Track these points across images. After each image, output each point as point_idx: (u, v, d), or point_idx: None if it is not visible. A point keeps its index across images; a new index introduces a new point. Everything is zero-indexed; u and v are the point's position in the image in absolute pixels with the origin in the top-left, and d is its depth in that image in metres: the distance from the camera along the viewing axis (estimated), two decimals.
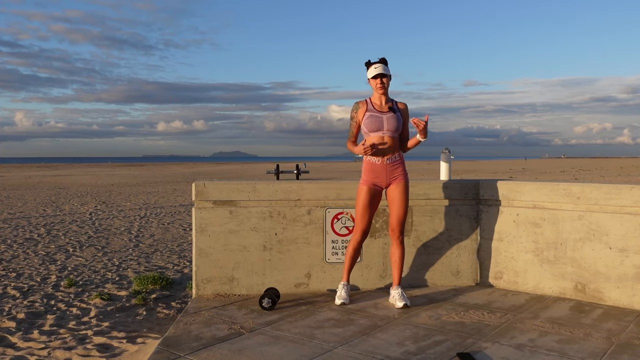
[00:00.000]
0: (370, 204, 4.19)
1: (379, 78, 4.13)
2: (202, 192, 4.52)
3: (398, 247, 4.26)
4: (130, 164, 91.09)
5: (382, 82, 4.14)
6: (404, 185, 4.22)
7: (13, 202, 16.65)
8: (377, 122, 4.14)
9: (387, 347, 3.29)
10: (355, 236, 4.25)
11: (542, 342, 3.38)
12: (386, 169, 4.18)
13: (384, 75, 4.14)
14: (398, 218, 4.20)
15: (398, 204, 4.19)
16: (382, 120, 4.14)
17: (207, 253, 4.52)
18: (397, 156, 4.24)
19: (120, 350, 3.93)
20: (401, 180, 4.21)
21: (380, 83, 4.14)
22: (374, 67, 4.14)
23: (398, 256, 4.27)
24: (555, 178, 29.72)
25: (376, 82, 4.14)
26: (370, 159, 4.19)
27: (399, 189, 4.19)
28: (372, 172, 4.19)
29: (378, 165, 4.18)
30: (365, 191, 4.18)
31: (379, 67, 4.14)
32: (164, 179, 33.84)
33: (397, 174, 4.21)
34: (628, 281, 4.12)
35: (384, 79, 4.15)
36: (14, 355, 3.84)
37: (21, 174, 41.37)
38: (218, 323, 3.80)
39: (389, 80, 4.21)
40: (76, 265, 7.05)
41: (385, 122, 4.14)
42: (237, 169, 53.35)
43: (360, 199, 4.19)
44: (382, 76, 4.14)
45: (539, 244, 4.56)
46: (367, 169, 4.22)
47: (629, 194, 4.13)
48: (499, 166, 59.67)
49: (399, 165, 4.23)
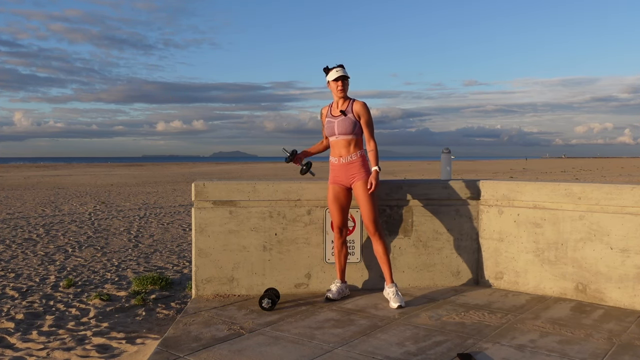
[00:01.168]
0: (336, 200, 4.37)
1: (340, 80, 4.27)
2: (202, 192, 4.51)
3: (377, 242, 4.32)
4: (129, 164, 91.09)
5: (343, 84, 4.29)
6: (363, 183, 4.26)
7: (12, 202, 16.63)
8: (330, 127, 4.34)
9: (387, 348, 3.28)
10: (334, 234, 4.44)
11: (543, 342, 3.37)
12: (343, 169, 4.34)
13: (345, 77, 4.29)
14: (367, 215, 4.27)
15: (362, 202, 4.27)
16: (334, 125, 4.32)
17: (206, 253, 4.51)
18: (353, 156, 4.31)
19: (120, 351, 3.91)
20: (359, 179, 4.28)
21: (341, 86, 4.28)
22: (335, 71, 4.29)
23: (381, 252, 4.31)
24: (555, 178, 29.71)
25: (337, 84, 4.28)
26: (331, 159, 4.41)
27: (359, 187, 4.28)
28: (332, 172, 4.40)
29: (336, 165, 4.36)
30: (329, 189, 4.41)
31: (339, 70, 4.29)
32: (164, 179, 33.84)
33: (355, 173, 4.30)
34: (629, 281, 4.11)
35: (345, 81, 4.29)
36: (12, 356, 3.82)
37: (20, 174, 41.35)
38: (218, 323, 3.78)
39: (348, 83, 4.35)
40: (75, 265, 7.04)
41: (335, 126, 4.32)
42: (237, 169, 53.34)
43: (328, 197, 4.44)
44: (343, 78, 4.28)
45: (539, 244, 4.55)
46: (330, 168, 4.43)
47: (630, 194, 4.12)
48: (499, 166, 59.68)
49: (356, 164, 4.30)
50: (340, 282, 4.46)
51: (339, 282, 4.46)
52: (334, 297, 4.35)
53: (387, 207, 4.76)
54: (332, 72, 4.30)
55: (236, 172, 45.60)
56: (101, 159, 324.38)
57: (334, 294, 4.37)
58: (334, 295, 4.36)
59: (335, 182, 4.37)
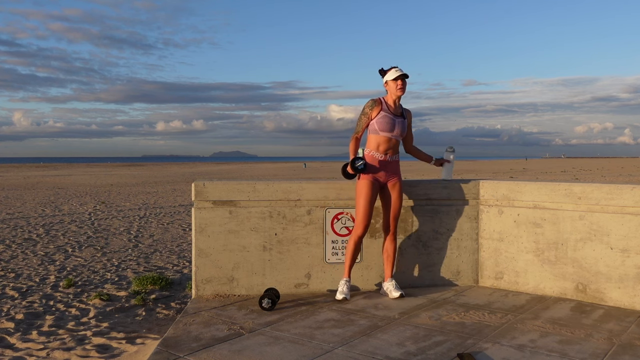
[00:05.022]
0: (373, 197, 4.36)
1: (400, 79, 4.33)
2: (202, 192, 4.51)
3: (392, 242, 4.46)
4: (129, 164, 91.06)
5: (404, 83, 4.35)
6: (401, 185, 4.47)
7: (12, 202, 16.63)
8: (390, 124, 4.34)
9: (388, 348, 3.28)
10: (357, 231, 4.35)
11: (543, 342, 3.37)
12: (387, 166, 4.38)
13: (406, 76, 4.35)
14: (395, 215, 4.43)
15: (395, 202, 4.42)
16: (395, 123, 4.36)
17: (206, 253, 4.51)
18: (396, 156, 4.46)
19: (120, 351, 3.91)
20: (398, 181, 4.45)
21: (401, 85, 4.33)
22: (395, 70, 4.35)
23: (392, 251, 4.47)
24: (556, 178, 29.71)
25: (397, 83, 4.33)
26: (374, 154, 4.36)
27: (396, 188, 4.43)
28: (373, 167, 4.36)
29: (382, 161, 4.39)
30: (368, 185, 4.33)
31: (398, 69, 4.35)
32: (164, 179, 33.83)
33: (395, 173, 4.44)
34: (629, 281, 4.11)
35: (404, 80, 4.36)
36: (12, 356, 3.82)
37: (20, 174, 41.34)
38: (218, 323, 3.78)
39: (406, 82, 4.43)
40: (75, 265, 7.04)
41: (396, 125, 4.37)
42: (237, 169, 53.32)
43: (363, 193, 4.32)
44: (404, 77, 4.34)
45: (539, 244, 4.55)
46: (370, 163, 4.37)
47: (630, 194, 4.12)
48: (499, 166, 59.68)
49: (397, 164, 4.47)
50: (349, 281, 4.42)
51: (347, 280, 4.41)
52: (349, 297, 4.33)
53: None
54: (391, 71, 4.35)
55: (236, 172, 45.59)
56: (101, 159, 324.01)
57: (348, 294, 4.33)
58: (348, 295, 4.33)
59: (374, 178, 4.35)
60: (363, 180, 4.34)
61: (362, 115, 4.39)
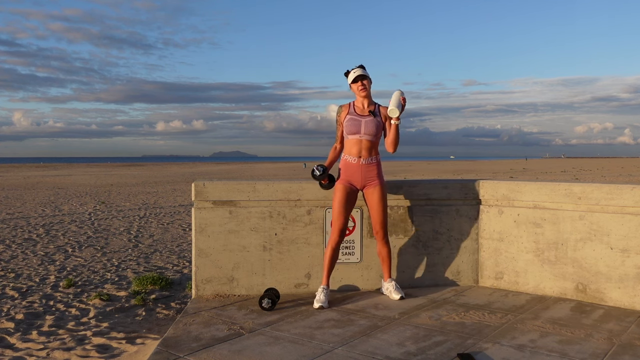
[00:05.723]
0: (347, 202, 4.25)
1: (359, 81, 4.24)
2: (202, 192, 4.51)
3: (384, 246, 4.40)
4: (129, 164, 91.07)
5: (363, 84, 4.24)
6: (381, 189, 4.30)
7: (12, 202, 16.63)
8: (355, 126, 4.24)
9: (388, 348, 3.28)
10: (333, 237, 4.25)
11: (543, 342, 3.37)
12: (361, 169, 4.26)
13: (364, 77, 4.25)
14: (380, 221, 4.32)
15: (378, 208, 4.29)
16: (360, 124, 4.25)
17: (206, 253, 4.51)
18: (373, 158, 4.30)
19: (120, 351, 3.91)
20: (377, 184, 4.29)
21: (362, 85, 4.24)
22: (353, 72, 4.27)
23: (386, 253, 4.41)
24: (556, 178, 29.71)
25: (357, 85, 4.26)
26: (347, 158, 4.29)
27: (376, 193, 4.28)
28: (347, 171, 4.29)
29: (354, 165, 4.27)
30: (341, 190, 4.26)
31: (357, 70, 4.27)
32: (164, 179, 33.83)
33: (373, 176, 4.28)
34: (629, 281, 4.11)
35: (364, 81, 4.25)
36: (12, 356, 3.82)
37: (20, 174, 41.35)
38: (218, 323, 3.78)
39: (369, 82, 4.31)
40: (75, 265, 7.04)
41: (363, 125, 4.24)
42: (237, 169, 53.33)
43: (336, 198, 4.26)
44: (363, 78, 4.24)
45: (539, 244, 4.55)
46: (342, 168, 4.32)
47: (630, 194, 4.12)
48: (499, 166, 59.69)
49: (374, 167, 4.30)
50: (327, 288, 4.24)
51: (325, 287, 4.23)
52: (326, 305, 4.13)
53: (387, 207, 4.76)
54: (350, 74, 4.29)
55: (236, 172, 45.59)
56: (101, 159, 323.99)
57: (325, 303, 4.12)
58: (325, 303, 4.12)
59: (348, 182, 4.27)
60: (337, 185, 4.29)
61: (336, 124, 4.39)
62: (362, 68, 4.30)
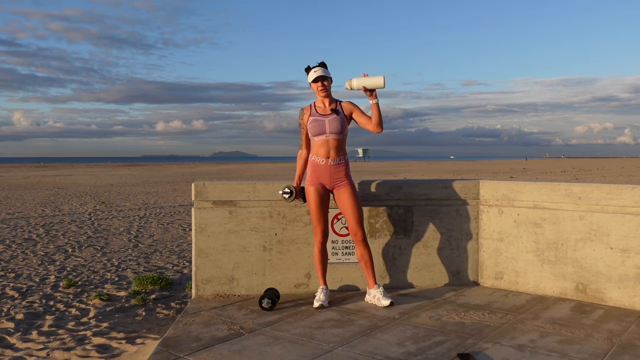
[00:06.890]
0: (322, 203, 4.19)
1: (319, 81, 4.17)
2: (202, 192, 4.51)
3: (363, 248, 4.23)
4: (129, 164, 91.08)
5: (323, 85, 4.18)
6: (351, 188, 4.22)
7: (12, 202, 16.63)
8: (320, 126, 4.17)
9: (388, 348, 3.28)
10: (317, 238, 4.22)
11: (543, 342, 3.37)
12: (329, 170, 4.19)
13: (325, 78, 4.18)
14: (355, 221, 4.19)
15: (351, 208, 4.18)
16: (324, 123, 4.17)
17: (206, 253, 4.51)
18: (341, 159, 4.23)
19: (120, 351, 3.91)
20: (347, 184, 4.21)
21: (322, 86, 4.18)
22: (314, 71, 4.18)
23: (367, 256, 4.24)
24: (556, 178, 29.71)
25: (317, 85, 4.18)
26: (315, 159, 4.21)
27: (347, 193, 4.20)
28: (315, 172, 4.21)
29: (322, 166, 4.19)
30: (312, 192, 4.20)
31: (318, 70, 4.17)
32: (164, 179, 33.83)
33: (341, 177, 4.21)
34: (629, 281, 4.11)
35: (324, 81, 4.18)
36: (12, 356, 3.82)
37: (20, 174, 41.34)
38: (218, 323, 3.78)
39: (329, 82, 4.24)
40: (75, 265, 7.04)
41: (327, 124, 4.17)
42: (237, 169, 53.33)
43: (310, 200, 4.20)
44: (323, 79, 4.17)
45: (539, 244, 4.55)
46: (310, 169, 4.25)
47: (630, 194, 4.12)
48: (499, 166, 59.68)
49: (342, 167, 4.23)
50: (326, 288, 4.27)
51: (324, 288, 4.26)
52: (326, 304, 4.15)
53: (387, 207, 4.76)
54: (310, 72, 4.17)
55: (236, 172, 45.59)
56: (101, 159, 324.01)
57: (325, 302, 4.16)
58: (325, 302, 4.16)
59: (318, 184, 4.20)
60: (308, 188, 4.22)
61: (299, 128, 4.32)
62: (323, 66, 4.18)
